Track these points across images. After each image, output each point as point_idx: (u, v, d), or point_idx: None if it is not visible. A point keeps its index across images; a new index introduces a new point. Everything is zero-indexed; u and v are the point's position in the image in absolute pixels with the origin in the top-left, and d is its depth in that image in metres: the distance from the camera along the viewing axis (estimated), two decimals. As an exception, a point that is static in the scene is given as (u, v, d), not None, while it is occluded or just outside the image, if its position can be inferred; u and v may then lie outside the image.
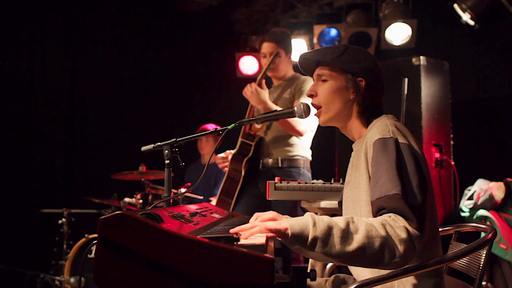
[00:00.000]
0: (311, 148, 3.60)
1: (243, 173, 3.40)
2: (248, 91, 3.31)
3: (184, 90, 5.98)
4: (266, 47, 3.55)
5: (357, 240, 1.45)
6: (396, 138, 1.62)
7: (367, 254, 1.45)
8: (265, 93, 3.31)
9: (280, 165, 3.42)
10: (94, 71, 5.55)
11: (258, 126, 3.54)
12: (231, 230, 1.51)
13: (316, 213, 2.83)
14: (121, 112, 5.63)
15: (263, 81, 3.36)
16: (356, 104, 1.79)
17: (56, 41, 5.39)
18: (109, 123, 5.52)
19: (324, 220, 1.48)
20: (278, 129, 3.43)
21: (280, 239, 1.51)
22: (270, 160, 3.44)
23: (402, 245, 1.45)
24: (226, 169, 3.50)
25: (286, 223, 1.48)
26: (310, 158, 3.57)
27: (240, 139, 3.49)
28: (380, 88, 1.82)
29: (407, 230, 1.46)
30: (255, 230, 1.50)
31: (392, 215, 1.49)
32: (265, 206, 3.31)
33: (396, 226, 1.46)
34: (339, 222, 1.48)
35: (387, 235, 1.45)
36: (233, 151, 3.53)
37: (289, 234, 1.46)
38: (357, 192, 1.71)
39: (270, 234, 1.48)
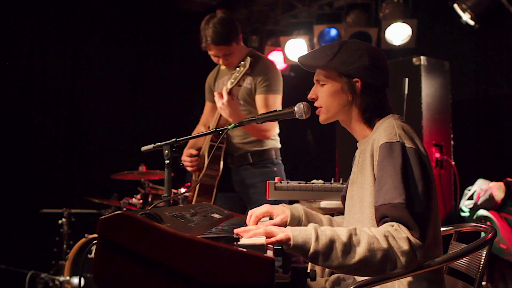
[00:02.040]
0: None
1: (219, 177, 3.16)
2: (219, 102, 2.99)
3: (184, 90, 5.98)
4: (216, 50, 3.15)
5: (359, 253, 1.46)
6: (402, 142, 1.61)
7: (369, 267, 1.47)
8: (237, 106, 3.00)
9: (251, 161, 3.21)
10: (94, 71, 5.55)
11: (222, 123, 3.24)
12: (235, 231, 1.52)
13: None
14: (121, 112, 5.62)
15: (234, 90, 3.00)
16: (355, 106, 1.77)
17: (56, 41, 5.38)
18: (109, 123, 5.51)
19: (326, 234, 1.48)
20: None
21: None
22: (240, 157, 3.22)
23: (404, 256, 1.46)
24: (196, 172, 3.24)
25: (290, 232, 1.48)
26: (279, 146, 3.34)
27: (209, 143, 3.19)
28: (380, 84, 1.78)
29: (409, 241, 1.47)
30: (258, 232, 1.50)
31: (395, 224, 1.50)
32: (242, 205, 3.25)
33: (399, 237, 1.47)
34: (341, 235, 1.48)
35: (389, 247, 1.46)
36: (198, 152, 3.26)
37: (291, 245, 1.47)
38: (363, 192, 1.71)
39: (272, 240, 1.47)
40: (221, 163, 3.17)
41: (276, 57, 5.56)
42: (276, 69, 3.27)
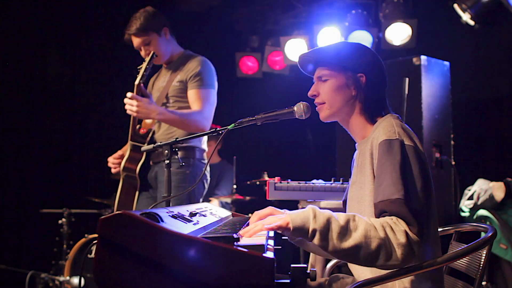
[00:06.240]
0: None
1: (138, 182, 3.04)
2: (133, 106, 2.84)
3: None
4: (136, 42, 3.16)
5: (354, 238, 1.47)
6: (402, 139, 1.62)
7: (362, 253, 1.47)
8: (150, 102, 2.88)
9: (167, 158, 2.96)
10: (94, 71, 5.55)
11: (148, 121, 3.15)
12: (240, 232, 1.53)
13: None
14: (121, 112, 5.61)
15: (141, 85, 2.94)
16: (358, 101, 1.78)
17: (56, 41, 5.38)
18: (109, 123, 5.51)
19: (324, 214, 1.50)
20: None
21: (281, 232, 1.54)
22: (159, 152, 2.99)
23: (400, 249, 1.47)
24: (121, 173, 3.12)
25: (288, 217, 1.51)
26: (204, 148, 3.17)
27: (129, 142, 3.06)
28: (382, 82, 1.81)
29: (407, 234, 1.47)
30: (258, 228, 1.53)
31: (394, 218, 1.51)
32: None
33: (397, 229, 1.48)
34: (339, 218, 1.51)
35: (386, 237, 1.47)
36: (125, 154, 3.10)
37: (291, 228, 1.50)
38: (362, 192, 1.71)
39: (272, 226, 1.50)
40: (137, 171, 3.04)
41: (276, 57, 5.56)
42: (209, 65, 3.21)
